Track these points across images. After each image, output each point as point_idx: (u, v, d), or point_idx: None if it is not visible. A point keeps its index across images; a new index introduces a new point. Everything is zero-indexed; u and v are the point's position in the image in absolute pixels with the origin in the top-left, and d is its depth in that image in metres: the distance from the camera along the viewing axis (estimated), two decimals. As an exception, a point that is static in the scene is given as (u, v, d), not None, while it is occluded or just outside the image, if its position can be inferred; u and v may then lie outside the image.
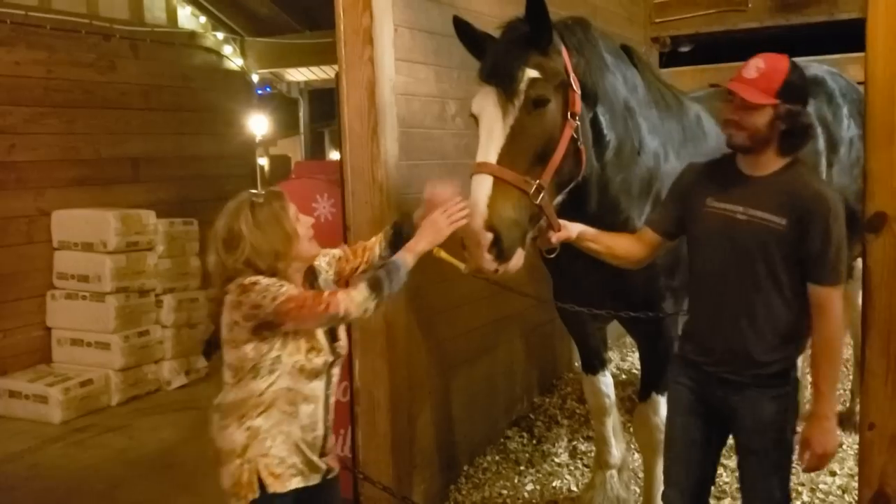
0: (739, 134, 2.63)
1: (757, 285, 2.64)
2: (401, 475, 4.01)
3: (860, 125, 4.57)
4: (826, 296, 2.61)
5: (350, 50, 3.79)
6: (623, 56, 3.40)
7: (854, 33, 3.32)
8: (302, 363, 2.57)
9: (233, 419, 2.57)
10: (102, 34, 7.40)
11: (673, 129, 3.54)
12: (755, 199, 2.65)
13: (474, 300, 4.65)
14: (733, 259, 2.67)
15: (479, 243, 2.69)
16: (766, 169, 2.68)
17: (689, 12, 7.25)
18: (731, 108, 2.64)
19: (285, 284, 2.49)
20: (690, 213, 2.83)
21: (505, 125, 2.81)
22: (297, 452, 2.61)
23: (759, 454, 2.75)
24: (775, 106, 2.58)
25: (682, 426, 2.90)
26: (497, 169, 2.76)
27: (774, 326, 2.67)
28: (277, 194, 2.64)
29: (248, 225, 2.51)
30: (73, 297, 6.50)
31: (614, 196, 3.25)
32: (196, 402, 6.13)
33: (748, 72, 2.62)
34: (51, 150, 6.74)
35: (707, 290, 2.78)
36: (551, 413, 5.55)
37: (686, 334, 2.95)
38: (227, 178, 8.57)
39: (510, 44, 2.88)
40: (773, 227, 2.60)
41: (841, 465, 4.54)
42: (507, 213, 2.74)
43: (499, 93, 2.82)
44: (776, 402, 2.71)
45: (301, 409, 2.60)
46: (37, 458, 5.33)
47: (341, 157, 3.94)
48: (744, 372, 2.70)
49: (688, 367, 2.87)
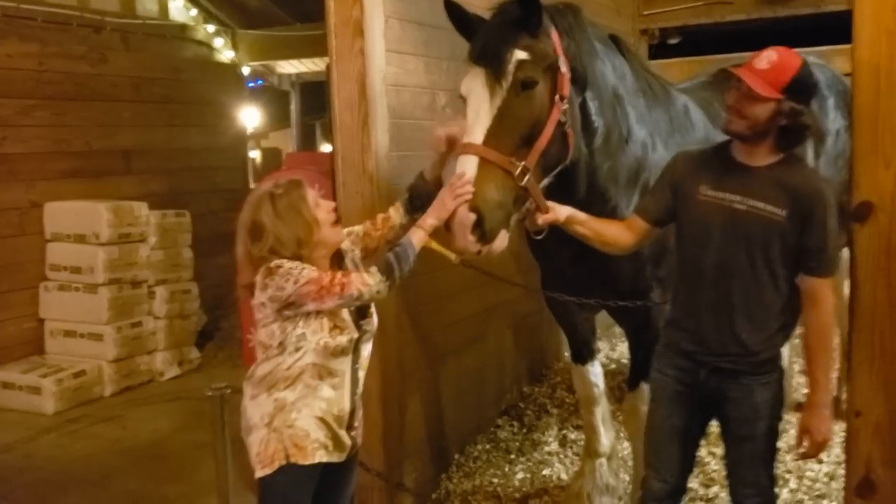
0: (739, 122, 2.64)
1: (754, 274, 2.67)
2: (392, 464, 4.05)
3: (846, 116, 4.61)
4: (820, 286, 2.66)
5: (340, 41, 3.80)
6: (611, 45, 3.41)
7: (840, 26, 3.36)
8: (326, 341, 2.63)
9: (262, 390, 2.67)
10: (93, 27, 7.39)
11: (660, 118, 3.56)
12: (754, 189, 2.66)
13: (464, 290, 4.68)
14: (732, 248, 2.68)
15: (463, 224, 2.68)
16: (761, 160, 2.70)
17: (677, 4, 7.29)
18: (736, 96, 2.65)
19: (307, 267, 2.56)
20: (683, 201, 2.82)
21: (492, 106, 2.79)
22: (323, 426, 2.67)
23: (750, 441, 2.78)
24: (779, 101, 2.59)
25: (665, 415, 2.92)
26: (482, 149, 2.75)
27: (767, 315, 2.71)
28: (296, 183, 2.71)
29: (270, 216, 2.61)
30: (65, 288, 6.51)
31: (602, 183, 3.26)
32: (188, 393, 6.17)
33: (760, 63, 2.62)
34: (42, 143, 6.75)
35: (703, 281, 2.76)
36: (541, 402, 5.59)
37: (674, 323, 2.92)
38: (218, 170, 8.60)
39: (500, 25, 2.87)
40: (774, 219, 2.62)
41: (828, 452, 4.57)
42: (490, 194, 2.72)
43: (487, 74, 2.80)
44: (767, 388, 2.76)
45: (326, 383, 2.66)
46: (30, 449, 5.35)
47: (332, 148, 3.97)
48: (739, 360, 2.72)
49: (677, 357, 2.87)
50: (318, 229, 2.64)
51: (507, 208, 2.79)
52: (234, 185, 8.78)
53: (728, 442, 2.88)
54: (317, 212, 2.66)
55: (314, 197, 2.70)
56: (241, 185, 9.06)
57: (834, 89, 4.74)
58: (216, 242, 7.45)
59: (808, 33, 6.40)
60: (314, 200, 2.68)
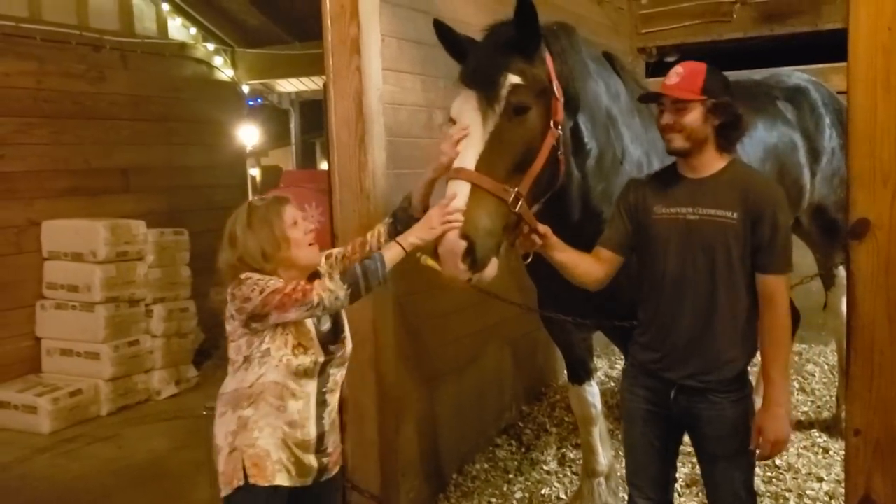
0: (677, 137, 2.71)
1: (716, 283, 2.69)
2: (388, 483, 4.02)
3: (841, 135, 4.63)
4: (774, 284, 2.68)
5: (338, 60, 3.81)
6: (605, 63, 3.41)
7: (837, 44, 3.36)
8: (289, 359, 2.61)
9: (228, 408, 2.67)
10: (92, 45, 7.43)
11: (657, 137, 3.50)
12: (703, 198, 2.72)
13: (462, 308, 4.67)
14: (690, 260, 2.71)
15: (453, 252, 2.64)
16: (708, 169, 2.75)
17: (674, 23, 7.32)
18: (664, 114, 2.73)
19: (273, 279, 2.56)
20: (639, 224, 2.87)
21: (485, 131, 2.75)
22: (284, 448, 2.65)
23: (725, 459, 2.79)
24: (703, 101, 2.68)
25: (640, 435, 2.93)
26: (475, 176, 2.70)
27: (733, 324, 2.72)
28: (279, 199, 2.74)
29: (242, 225, 2.68)
30: (62, 307, 6.49)
31: (596, 205, 3.24)
32: (186, 412, 6.12)
33: (670, 79, 2.73)
34: (40, 161, 6.75)
35: (665, 296, 2.79)
36: (540, 421, 5.56)
37: (640, 344, 2.92)
38: (217, 188, 8.60)
39: (493, 47, 2.84)
40: (727, 222, 2.66)
41: (828, 470, 4.56)
42: (482, 222, 2.67)
43: (479, 97, 2.77)
44: (738, 405, 2.77)
45: (289, 404, 2.64)
46: (26, 469, 5.32)
47: (329, 166, 3.97)
48: (705, 376, 2.73)
49: (645, 377, 2.89)
50: (288, 247, 2.63)
51: (498, 235, 2.75)
52: (233, 203, 8.56)
53: (704, 460, 2.89)
54: (292, 230, 2.65)
55: (294, 216, 2.70)
56: (240, 204, 9.02)
57: (830, 107, 4.76)
58: (214, 260, 7.44)
59: (806, 51, 6.45)
60: (292, 219, 2.68)
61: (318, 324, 2.71)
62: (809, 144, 4.53)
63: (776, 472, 4.50)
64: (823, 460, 4.71)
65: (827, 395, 5.74)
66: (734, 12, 7.01)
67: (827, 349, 6.64)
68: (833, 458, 4.71)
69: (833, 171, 4.71)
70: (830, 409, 5.38)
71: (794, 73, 5.04)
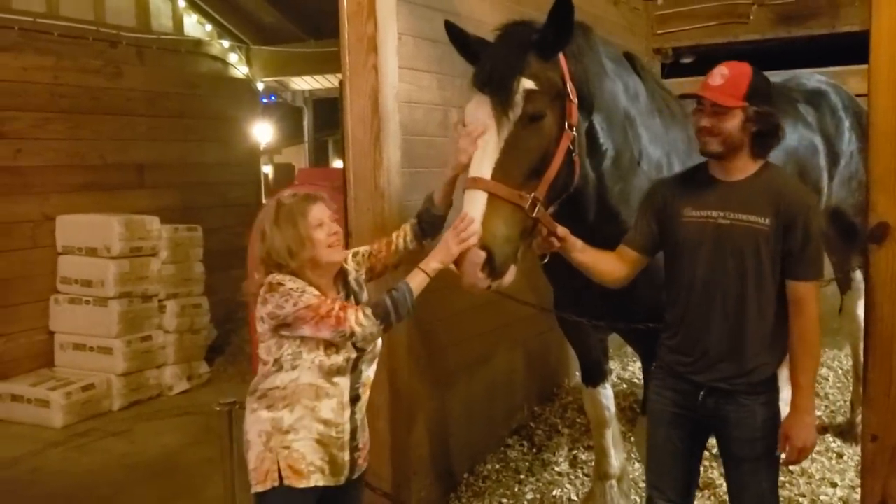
0: (713, 140, 2.66)
1: (747, 288, 2.66)
2: (400, 482, 4.01)
3: (860, 138, 4.59)
4: (805, 291, 2.65)
5: (354, 58, 3.81)
6: (625, 63, 3.36)
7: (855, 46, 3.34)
8: (321, 359, 2.62)
9: (261, 406, 2.68)
10: (109, 41, 7.48)
11: (678, 137, 3.50)
12: (735, 202, 2.68)
13: (475, 307, 4.65)
14: (721, 265, 2.68)
15: (473, 262, 2.62)
16: (741, 173, 2.71)
17: (690, 24, 7.29)
18: (703, 116, 2.68)
19: (308, 291, 2.56)
20: (667, 225, 2.83)
21: (500, 138, 2.71)
22: (320, 449, 2.66)
23: (751, 462, 2.76)
24: (744, 108, 2.63)
25: (664, 437, 2.90)
26: (492, 185, 2.67)
27: (764, 329, 2.69)
28: (307, 197, 2.71)
29: (270, 221, 2.67)
30: (76, 301, 6.52)
31: (614, 206, 3.21)
32: (197, 408, 6.14)
33: (714, 79, 2.67)
34: (56, 156, 6.78)
35: (695, 299, 2.75)
36: (552, 422, 5.54)
37: (668, 346, 2.90)
38: (231, 185, 8.64)
39: (507, 50, 2.80)
40: (758, 228, 2.63)
41: (842, 476, 4.53)
42: (500, 231, 2.66)
43: (493, 103, 2.73)
44: (766, 408, 2.74)
45: (323, 404, 2.65)
46: (38, 463, 5.34)
47: (344, 164, 3.96)
48: (735, 379, 2.70)
49: (673, 379, 2.86)
50: (312, 247, 2.62)
51: (515, 242, 2.73)
52: (246, 200, 8.80)
53: (730, 463, 2.85)
54: (315, 231, 2.63)
55: (320, 217, 2.67)
56: (254, 201, 9.08)
57: (850, 111, 4.72)
58: (228, 257, 7.49)
59: (824, 53, 6.40)
60: (318, 220, 2.65)
61: None
62: (829, 147, 4.50)
63: (790, 477, 4.47)
64: (837, 465, 4.68)
65: (841, 400, 5.70)
66: (751, 14, 6.97)
67: (841, 353, 6.60)
68: (847, 464, 4.67)
69: (851, 174, 4.68)
70: (844, 413, 5.35)
71: (813, 76, 5.00)
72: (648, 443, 3.01)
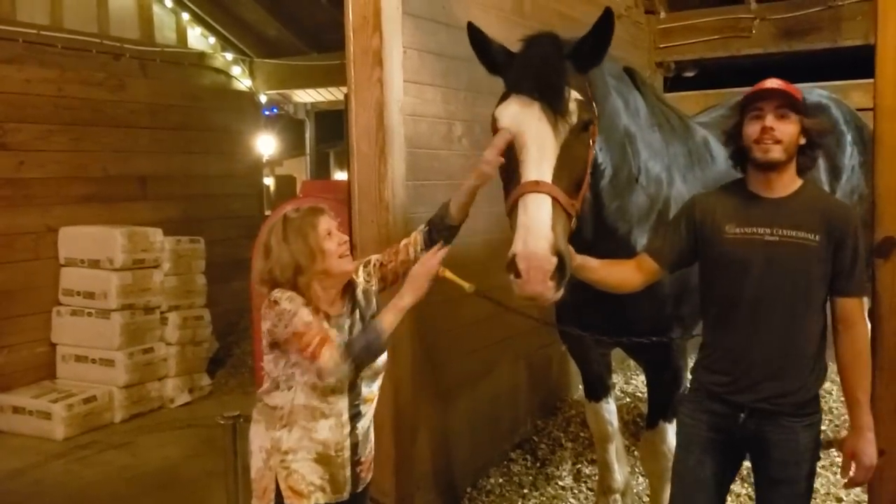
0: (776, 147, 2.58)
1: (796, 306, 2.60)
2: (403, 496, 4.00)
3: (862, 152, 4.60)
4: (855, 307, 2.61)
5: (359, 71, 3.82)
6: (626, 79, 3.35)
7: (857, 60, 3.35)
8: (314, 381, 2.59)
9: (262, 419, 2.68)
10: (113, 53, 7.51)
11: (678, 152, 3.50)
12: (782, 218, 2.61)
13: (478, 321, 4.65)
14: (770, 283, 2.60)
15: (543, 269, 2.46)
16: (785, 190, 2.66)
17: (693, 38, 7.32)
18: (768, 118, 2.59)
19: (299, 313, 2.52)
20: (707, 242, 2.75)
21: (556, 144, 2.63)
22: (319, 468, 2.65)
23: (787, 484, 2.67)
24: (801, 118, 2.60)
25: (696, 464, 2.79)
26: (556, 190, 2.57)
27: (809, 348, 2.64)
28: (314, 210, 2.68)
29: (277, 237, 2.62)
30: (78, 313, 6.51)
31: (610, 223, 3.16)
32: (199, 420, 6.13)
33: (772, 83, 2.62)
34: (59, 168, 6.79)
35: (741, 318, 2.66)
36: (555, 436, 5.53)
37: (706, 366, 2.81)
38: (233, 197, 8.65)
39: (548, 58, 2.72)
40: (808, 244, 2.57)
41: (847, 491, 4.51)
42: (564, 237, 2.57)
43: (544, 109, 2.63)
44: (809, 430, 2.66)
45: (320, 424, 2.63)
46: (39, 475, 5.32)
47: (349, 176, 3.97)
48: (779, 399, 2.63)
49: (710, 401, 2.75)
50: (323, 258, 2.60)
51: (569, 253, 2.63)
52: (249, 212, 8.81)
53: (765, 486, 2.74)
54: (326, 241, 2.61)
55: (329, 226, 2.65)
56: (257, 213, 9.09)
57: (852, 125, 4.73)
58: (230, 269, 7.49)
59: (825, 68, 6.42)
60: (327, 230, 2.64)
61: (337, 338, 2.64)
62: (830, 162, 4.50)
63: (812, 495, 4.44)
64: (842, 480, 4.64)
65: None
66: (753, 28, 7.00)
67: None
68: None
69: (853, 187, 4.68)
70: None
71: (815, 90, 5.00)
72: (675, 468, 2.91)
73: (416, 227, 3.01)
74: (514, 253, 2.50)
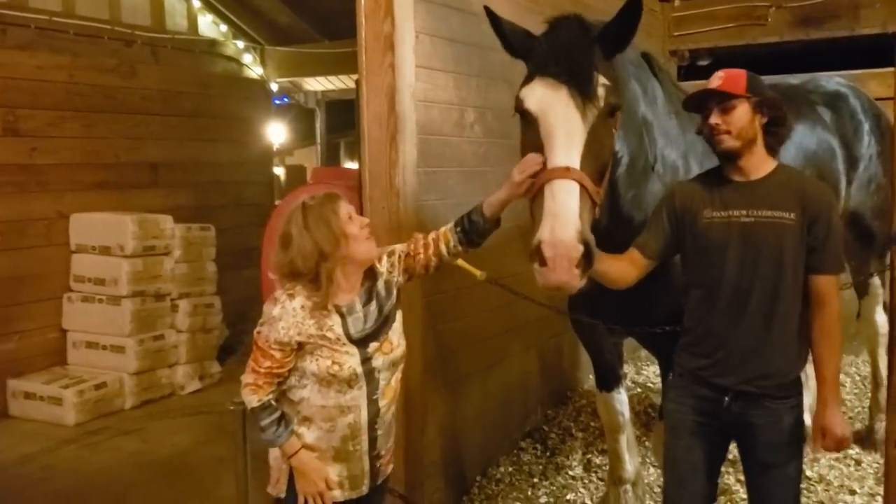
0: (727, 137, 2.66)
1: (776, 286, 2.63)
2: (413, 485, 3.99)
3: (879, 141, 4.54)
4: (826, 284, 2.65)
5: (371, 56, 3.79)
6: (644, 66, 3.31)
7: (875, 49, 3.30)
8: (325, 376, 2.55)
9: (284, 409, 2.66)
10: (124, 40, 7.50)
11: (696, 139, 3.43)
12: (758, 200, 2.66)
13: (489, 309, 4.63)
14: (750, 264, 2.65)
15: (570, 256, 2.39)
16: (758, 172, 2.71)
17: (707, 26, 7.24)
18: (712, 115, 2.68)
19: (274, 326, 2.53)
20: (687, 228, 2.80)
21: (584, 129, 2.55)
22: (337, 465, 2.64)
23: (777, 467, 2.71)
24: (748, 98, 2.65)
25: (685, 449, 2.83)
26: (584, 177, 2.50)
27: (791, 328, 2.67)
28: (331, 196, 2.62)
29: (298, 226, 2.55)
30: (89, 300, 6.52)
31: (626, 212, 3.13)
32: (209, 407, 6.14)
33: (712, 83, 2.71)
34: (71, 154, 6.79)
35: (722, 301, 2.70)
36: (565, 425, 5.51)
37: (689, 350, 2.83)
38: (244, 184, 8.64)
39: (575, 42, 2.65)
40: (784, 223, 2.62)
41: (861, 483, 4.48)
42: (589, 225, 2.50)
43: (573, 93, 2.56)
44: (793, 412, 2.70)
45: (338, 422, 2.60)
46: (50, 460, 5.34)
47: (360, 162, 3.95)
48: (762, 381, 2.66)
49: (696, 386, 2.80)
50: (346, 243, 2.54)
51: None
52: (259, 199, 8.81)
53: (754, 469, 2.79)
54: (349, 226, 2.56)
55: (348, 210, 2.60)
56: (267, 200, 9.08)
57: (870, 114, 4.68)
58: (240, 256, 7.49)
59: (842, 56, 6.34)
60: (347, 214, 2.59)
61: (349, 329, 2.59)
62: (847, 151, 4.45)
63: (808, 484, 4.42)
64: (856, 472, 4.62)
65: (859, 406, 5.64)
66: (769, 16, 6.92)
67: (858, 359, 6.54)
68: (865, 471, 4.62)
69: (870, 177, 4.64)
70: (863, 420, 5.28)
71: (832, 79, 4.95)
72: (666, 455, 2.94)
73: (427, 215, 2.98)
74: (540, 240, 2.43)
